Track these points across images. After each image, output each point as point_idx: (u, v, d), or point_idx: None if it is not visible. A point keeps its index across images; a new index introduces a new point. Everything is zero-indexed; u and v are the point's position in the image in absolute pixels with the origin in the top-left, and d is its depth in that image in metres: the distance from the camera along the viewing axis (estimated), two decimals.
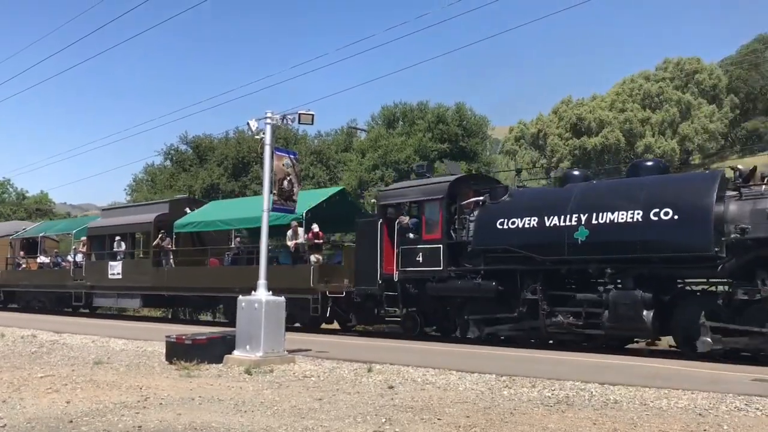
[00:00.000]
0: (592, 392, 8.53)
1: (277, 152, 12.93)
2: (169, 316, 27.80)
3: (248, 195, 34.03)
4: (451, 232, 15.27)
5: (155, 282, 22.20)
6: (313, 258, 18.32)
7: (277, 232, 18.99)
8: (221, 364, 11.30)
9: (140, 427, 6.60)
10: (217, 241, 23.17)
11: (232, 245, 22.61)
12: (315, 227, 18.40)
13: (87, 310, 27.59)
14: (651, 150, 44.82)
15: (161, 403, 7.83)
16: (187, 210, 22.82)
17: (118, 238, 24.03)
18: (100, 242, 25.24)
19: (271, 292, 12.00)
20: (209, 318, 26.57)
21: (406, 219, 16.01)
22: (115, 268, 23.43)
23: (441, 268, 15.00)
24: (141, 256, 24.32)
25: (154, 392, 8.56)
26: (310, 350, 12.90)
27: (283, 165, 12.88)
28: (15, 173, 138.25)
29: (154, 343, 14.13)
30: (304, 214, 18.06)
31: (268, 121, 12.69)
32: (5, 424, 6.71)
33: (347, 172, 36.41)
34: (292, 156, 13.37)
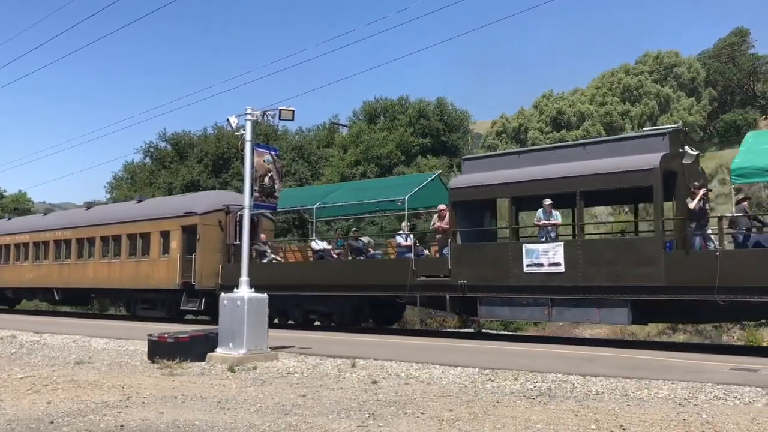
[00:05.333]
0: (573, 384, 8.61)
1: (257, 148, 12.86)
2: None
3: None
4: None
5: (696, 276, 11.98)
6: None
7: None
8: (204, 363, 11.25)
9: (122, 426, 6.55)
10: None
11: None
12: None
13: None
14: None
15: (144, 402, 7.78)
16: (687, 148, 14.00)
17: (548, 201, 14.41)
18: (482, 212, 15.97)
19: (253, 289, 11.93)
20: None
21: None
22: (544, 255, 14.01)
23: None
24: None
25: (137, 391, 8.50)
26: (294, 347, 12.87)
27: (264, 161, 12.82)
28: None
29: (135, 342, 14.02)
30: None
31: (248, 117, 12.61)
32: None
33: (329, 167, 36.38)
34: (273, 152, 13.30)
